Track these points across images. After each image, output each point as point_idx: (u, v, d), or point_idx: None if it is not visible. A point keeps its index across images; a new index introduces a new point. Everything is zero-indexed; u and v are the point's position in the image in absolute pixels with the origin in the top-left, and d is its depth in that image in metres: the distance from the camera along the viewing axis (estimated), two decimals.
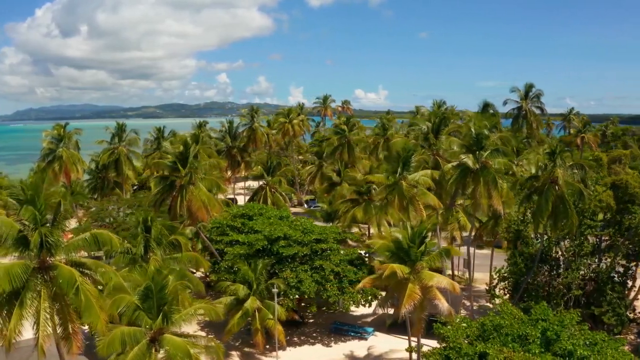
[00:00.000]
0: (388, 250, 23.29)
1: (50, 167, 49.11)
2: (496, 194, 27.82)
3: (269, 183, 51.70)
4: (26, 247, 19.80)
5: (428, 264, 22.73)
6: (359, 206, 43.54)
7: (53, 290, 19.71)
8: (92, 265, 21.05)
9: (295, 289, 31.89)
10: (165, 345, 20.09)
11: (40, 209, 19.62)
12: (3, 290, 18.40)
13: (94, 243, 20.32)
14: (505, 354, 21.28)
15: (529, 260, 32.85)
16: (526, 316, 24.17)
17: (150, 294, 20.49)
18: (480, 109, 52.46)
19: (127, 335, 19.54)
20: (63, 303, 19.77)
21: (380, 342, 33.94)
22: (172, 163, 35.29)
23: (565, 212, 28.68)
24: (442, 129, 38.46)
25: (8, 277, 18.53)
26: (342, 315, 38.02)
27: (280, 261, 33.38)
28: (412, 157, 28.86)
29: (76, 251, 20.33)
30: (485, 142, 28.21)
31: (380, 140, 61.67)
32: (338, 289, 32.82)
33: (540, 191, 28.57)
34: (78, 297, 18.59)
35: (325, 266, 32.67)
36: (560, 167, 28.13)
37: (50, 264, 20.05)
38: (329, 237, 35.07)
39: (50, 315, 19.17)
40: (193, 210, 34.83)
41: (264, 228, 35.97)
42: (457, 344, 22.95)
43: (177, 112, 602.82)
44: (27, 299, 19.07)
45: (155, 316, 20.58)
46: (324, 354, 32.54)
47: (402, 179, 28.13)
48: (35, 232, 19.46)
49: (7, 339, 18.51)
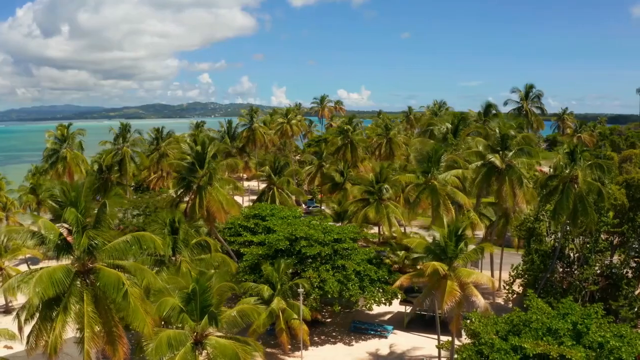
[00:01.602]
0: (425, 249, 23.54)
1: (53, 167, 47.99)
2: (521, 193, 28.41)
3: (276, 183, 51.57)
4: (68, 250, 19.40)
5: (464, 261, 23.06)
6: (370, 206, 43.78)
7: (95, 294, 19.35)
8: (131, 267, 20.70)
9: (318, 289, 31.94)
10: (210, 347, 19.93)
11: (83, 212, 19.24)
12: (47, 296, 17.93)
13: (136, 245, 19.97)
14: (541, 347, 21.74)
15: (545, 257, 33.58)
16: (554, 311, 24.70)
17: (193, 296, 20.30)
18: (482, 109, 53.30)
19: (173, 339, 19.33)
20: (107, 307, 19.41)
21: (400, 340, 34.21)
22: (189, 164, 34.90)
23: (585, 210, 29.44)
24: (461, 129, 39.02)
25: (51, 282, 18.11)
26: (358, 314, 38.21)
27: (301, 261, 33.37)
28: (443, 157, 29.22)
29: (118, 254, 19.93)
30: (510, 143, 28.78)
31: (382, 141, 62.07)
32: (359, 287, 33.00)
33: (560, 190, 29.27)
34: (126, 300, 18.26)
35: (347, 265, 32.80)
36: (580, 167, 28.87)
37: (91, 268, 19.67)
38: (347, 236, 35.22)
39: (94, 319, 18.78)
40: (211, 211, 34.55)
41: (282, 228, 35.91)
42: (489, 339, 23.34)
43: (159, 112, 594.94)
44: (71, 304, 18.65)
45: (198, 318, 20.41)
46: (348, 352, 32.65)
47: (433, 178, 28.45)
48: (78, 234, 19.08)
49: (51, 346, 18.07)
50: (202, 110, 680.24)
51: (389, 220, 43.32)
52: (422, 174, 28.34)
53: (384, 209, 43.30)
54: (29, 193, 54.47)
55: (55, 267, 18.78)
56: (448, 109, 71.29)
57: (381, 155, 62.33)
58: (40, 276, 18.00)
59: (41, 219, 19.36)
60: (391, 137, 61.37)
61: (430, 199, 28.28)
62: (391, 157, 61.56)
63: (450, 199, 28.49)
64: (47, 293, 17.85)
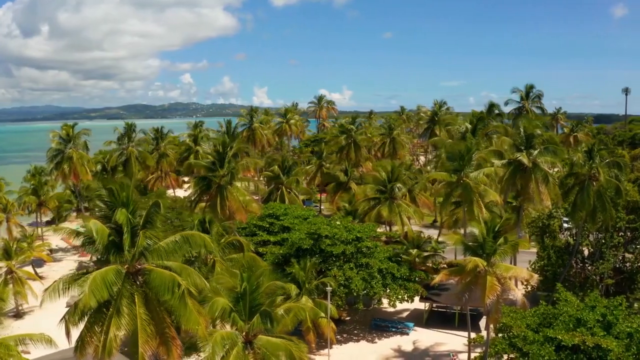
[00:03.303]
0: (462, 245, 23.96)
1: (59, 168, 46.89)
2: (546, 190, 29.15)
3: (285, 183, 51.53)
4: (118, 251, 19.08)
5: (501, 256, 23.55)
6: (382, 205, 44.15)
7: (145, 296, 19.08)
8: (177, 268, 20.46)
9: (343, 287, 32.08)
10: (261, 346, 19.85)
11: (134, 212, 18.97)
12: (103, 298, 17.57)
13: (186, 245, 19.76)
14: (578, 337, 22.34)
15: (561, 253, 34.45)
16: (582, 304, 25.40)
17: (242, 296, 20.21)
18: (486, 109, 54.30)
19: (226, 339, 19.20)
20: (158, 308, 19.16)
21: (422, 337, 34.62)
22: (210, 163, 34.62)
23: (603, 206, 30.37)
24: (479, 128, 39.70)
25: (105, 284, 17.76)
26: (376, 312, 38.52)
27: (325, 260, 33.46)
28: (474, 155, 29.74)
29: (167, 254, 19.69)
30: (535, 141, 29.52)
31: (386, 140, 62.56)
32: (382, 285, 33.27)
33: (580, 187, 30.14)
34: (182, 301, 18.06)
35: (372, 264, 33.04)
36: (599, 165, 29.79)
37: (140, 269, 19.39)
38: (368, 235, 35.47)
39: (147, 321, 18.53)
40: (232, 210, 34.36)
41: (302, 227, 35.93)
42: (522, 332, 23.88)
43: (141, 113, 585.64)
44: (124, 306, 18.34)
45: (246, 318, 20.32)
46: (373, 350, 32.90)
47: (465, 176, 28.93)
48: (128, 235, 18.79)
49: (106, 350, 17.71)
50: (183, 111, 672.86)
51: (401, 219, 43.79)
52: (454, 172, 28.83)
53: (396, 208, 43.76)
54: (30, 194, 53.18)
55: (106, 268, 18.43)
56: (449, 109, 72.54)
57: (384, 155, 62.82)
58: (94, 278, 17.65)
59: (92, 220, 18.95)
60: (394, 137, 61.90)
61: (462, 197, 28.75)
62: (394, 156, 62.11)
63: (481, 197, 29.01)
64: (102, 295, 17.52)
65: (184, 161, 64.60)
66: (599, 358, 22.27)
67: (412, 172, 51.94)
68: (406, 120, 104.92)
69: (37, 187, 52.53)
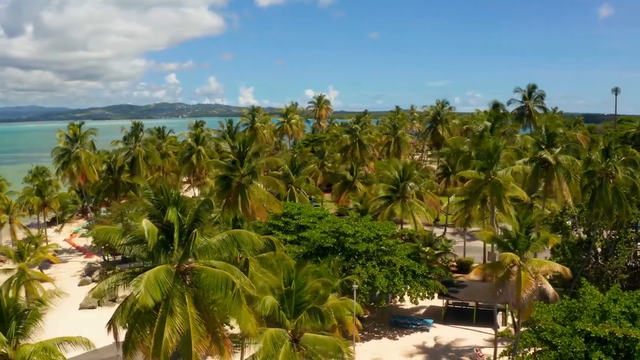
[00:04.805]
0: (495, 241, 24.37)
1: (66, 168, 46.07)
2: (567, 188, 29.83)
3: (294, 182, 51.53)
4: (167, 250, 18.92)
5: (533, 252, 24.04)
6: (395, 203, 44.53)
7: (194, 295, 18.97)
8: (221, 267, 20.39)
9: (367, 285, 32.30)
10: (308, 344, 19.93)
11: (184, 211, 18.84)
12: (157, 299, 17.35)
13: (233, 243, 19.68)
14: (608, 329, 22.93)
15: (576, 249, 35.23)
16: (605, 296, 26.06)
17: (288, 294, 20.26)
18: (490, 108, 55.11)
19: (275, 337, 19.24)
20: (207, 308, 19.06)
21: (442, 333, 35.06)
22: (229, 162, 34.48)
23: (620, 203, 31.21)
24: (497, 127, 40.35)
25: (158, 284, 17.56)
26: (393, 309, 38.84)
27: (347, 258, 33.63)
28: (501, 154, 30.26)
29: (215, 253, 19.59)
30: (557, 140, 30.19)
31: (391, 139, 63.03)
32: (404, 282, 33.59)
33: (598, 185, 30.94)
34: (237, 300, 17.98)
35: (394, 261, 33.33)
36: (616, 163, 30.62)
37: (188, 268, 19.25)
38: (387, 233, 35.78)
39: (199, 320, 18.42)
40: (253, 209, 34.29)
41: (322, 226, 36.04)
42: (549, 326, 24.41)
43: (126, 113, 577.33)
44: (176, 306, 18.19)
45: (291, 316, 20.37)
46: (396, 346, 33.19)
47: (493, 174, 29.41)
48: (177, 234, 18.66)
49: (162, 351, 17.53)
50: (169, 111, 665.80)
51: (413, 217, 44.25)
52: (481, 170, 29.29)
53: (408, 206, 44.19)
54: (34, 194, 52.17)
55: (157, 268, 18.21)
56: (451, 109, 73.45)
57: (389, 154, 63.29)
58: (148, 278, 17.44)
59: (144, 219, 18.72)
60: (399, 136, 62.40)
61: (491, 194, 29.23)
62: (399, 155, 62.63)
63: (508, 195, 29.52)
64: (156, 295, 17.33)
65: (186, 161, 64.15)
66: (625, 349, 22.96)
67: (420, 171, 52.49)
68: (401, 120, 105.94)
69: (42, 188, 51.53)
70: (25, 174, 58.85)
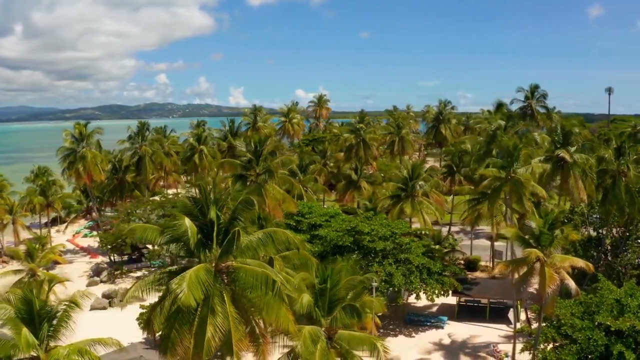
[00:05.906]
0: (518, 238, 24.73)
1: (72, 167, 45.53)
2: (582, 186, 30.36)
3: (302, 181, 51.54)
4: (206, 249, 18.86)
5: (555, 247, 24.46)
6: (404, 202, 44.82)
7: (232, 294, 18.93)
8: (257, 265, 20.37)
9: (384, 283, 32.50)
10: (343, 341, 20.05)
11: (221, 209, 18.81)
12: (199, 298, 17.27)
13: (270, 242, 19.68)
14: (628, 322, 23.38)
15: (587, 246, 35.83)
16: (622, 291, 26.56)
17: (322, 292, 20.35)
18: (494, 107, 55.77)
19: (313, 335, 19.31)
20: (245, 306, 19.04)
21: (457, 330, 35.40)
22: (245, 162, 34.42)
23: (632, 200, 31.86)
24: (509, 126, 40.86)
25: (199, 283, 17.48)
26: (406, 307, 39.09)
27: (364, 256, 33.80)
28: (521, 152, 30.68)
29: (252, 252, 19.55)
30: (573, 139, 30.71)
31: (395, 139, 63.36)
32: (420, 280, 33.86)
33: (612, 182, 31.54)
34: (277, 298, 17.97)
35: (411, 259, 33.58)
36: (629, 161, 31.27)
37: (226, 266, 19.21)
38: (402, 231, 36.03)
39: (238, 319, 18.39)
40: (269, 208, 34.26)
41: (333, 224, 36.14)
42: (569, 320, 24.83)
43: (116, 113, 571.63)
44: (217, 305, 18.13)
45: (325, 313, 20.47)
46: (413, 344, 33.44)
47: (513, 172, 29.79)
48: (217, 233, 18.63)
49: (204, 350, 17.47)
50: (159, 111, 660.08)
51: (422, 216, 44.58)
52: (501, 168, 29.69)
53: (417, 205, 44.51)
54: (38, 194, 51.46)
55: (197, 267, 18.13)
56: (453, 108, 74.16)
57: (393, 153, 63.62)
58: (189, 278, 17.38)
59: (184, 217, 18.61)
60: (403, 136, 62.75)
61: (511, 192, 29.61)
62: (403, 154, 62.98)
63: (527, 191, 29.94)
64: (198, 295, 17.26)
65: (188, 161, 63.82)
66: None
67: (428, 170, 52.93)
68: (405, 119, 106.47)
69: (45, 188, 50.85)
70: (21, 174, 58.16)
